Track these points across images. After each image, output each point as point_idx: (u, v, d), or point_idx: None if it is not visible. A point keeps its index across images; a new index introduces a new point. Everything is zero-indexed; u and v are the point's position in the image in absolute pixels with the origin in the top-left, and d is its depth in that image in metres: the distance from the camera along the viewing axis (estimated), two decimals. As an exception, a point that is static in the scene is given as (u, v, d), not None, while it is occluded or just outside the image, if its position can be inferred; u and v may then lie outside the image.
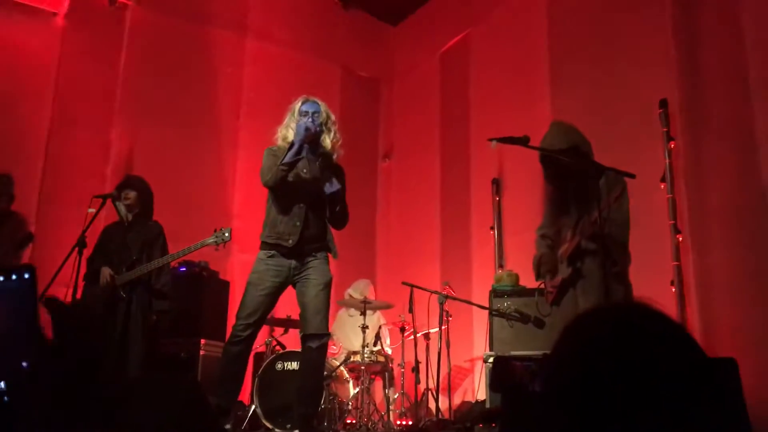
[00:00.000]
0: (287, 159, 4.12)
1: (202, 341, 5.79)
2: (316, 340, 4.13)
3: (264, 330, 6.05)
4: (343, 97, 8.87)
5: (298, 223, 4.19)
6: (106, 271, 4.87)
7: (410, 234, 8.51)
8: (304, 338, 4.18)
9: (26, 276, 1.03)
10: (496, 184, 7.28)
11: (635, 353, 0.86)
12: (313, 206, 4.24)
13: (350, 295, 6.63)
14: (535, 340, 4.85)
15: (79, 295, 4.97)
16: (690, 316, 5.01)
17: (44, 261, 5.38)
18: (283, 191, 4.21)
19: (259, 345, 6.17)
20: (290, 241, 4.17)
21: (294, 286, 4.26)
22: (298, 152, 4.15)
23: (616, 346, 0.87)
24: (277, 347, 6.00)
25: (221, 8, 7.90)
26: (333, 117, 4.41)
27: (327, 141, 4.32)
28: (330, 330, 6.68)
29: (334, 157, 4.37)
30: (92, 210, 4.79)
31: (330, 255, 4.37)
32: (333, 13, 8.85)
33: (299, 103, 4.42)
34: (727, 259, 4.89)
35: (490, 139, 3.54)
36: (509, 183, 7.17)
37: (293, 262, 4.20)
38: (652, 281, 5.04)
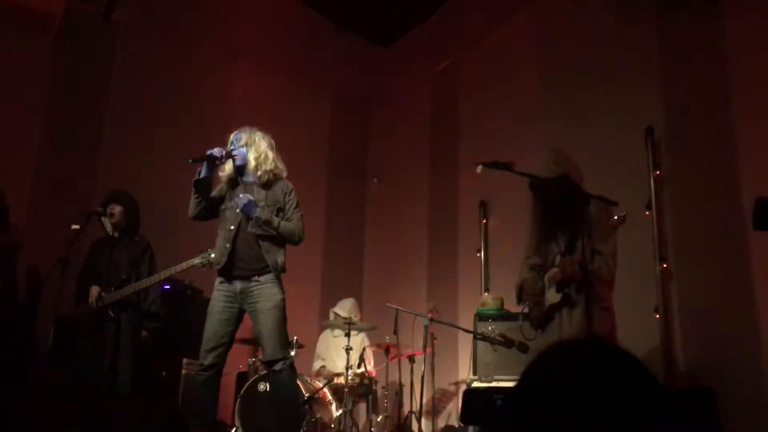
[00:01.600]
0: (194, 179, 4.36)
1: (184, 360, 5.74)
2: (279, 363, 4.22)
3: (247, 350, 6.04)
4: (334, 118, 8.93)
5: (227, 245, 4.31)
6: (94, 291, 4.85)
7: (398, 255, 8.51)
8: (267, 364, 4.29)
9: None
10: (484, 207, 7.30)
11: (592, 389, 0.87)
12: (244, 229, 4.32)
13: (336, 314, 6.61)
14: (519, 364, 4.82)
15: (65, 312, 4.96)
16: (674, 345, 5.02)
17: (31, 276, 5.35)
18: (221, 219, 4.43)
19: (242, 366, 6.14)
20: (221, 263, 4.30)
21: (247, 311, 4.32)
22: (202, 174, 4.34)
23: (572, 383, 0.88)
24: (260, 368, 5.96)
25: (213, 29, 7.93)
26: (258, 136, 4.49)
27: (250, 158, 4.43)
28: (316, 351, 6.72)
29: (261, 172, 4.41)
30: (76, 227, 4.77)
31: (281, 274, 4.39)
32: (324, 35, 8.91)
33: (231, 137, 4.57)
34: (711, 287, 4.91)
35: (477, 164, 3.56)
36: (497, 206, 7.20)
37: (238, 286, 4.28)
38: (636, 309, 5.06)
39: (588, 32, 6.39)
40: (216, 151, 4.34)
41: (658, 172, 5.39)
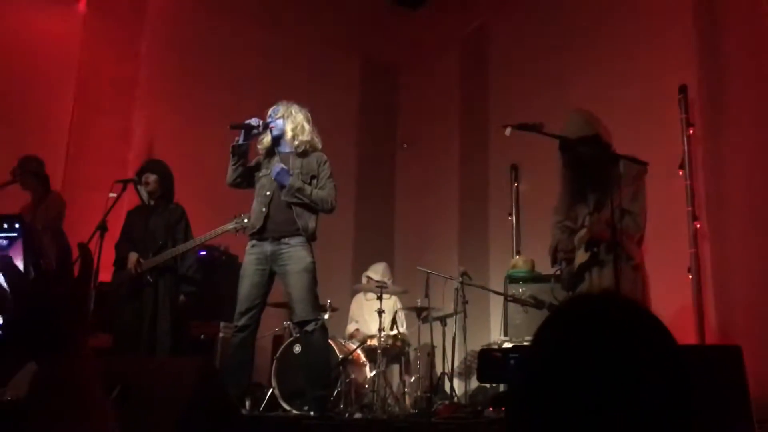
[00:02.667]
0: (232, 145, 4.53)
1: (221, 324, 5.88)
2: (311, 324, 4.33)
3: (282, 314, 6.15)
4: (363, 84, 8.91)
5: (263, 209, 4.45)
6: (132, 257, 4.98)
7: (428, 220, 8.54)
8: (298, 325, 4.45)
9: (16, 225, 1.04)
10: (515, 170, 7.27)
11: (606, 345, 0.87)
12: (278, 194, 4.45)
13: (368, 277, 6.68)
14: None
15: (104, 279, 5.11)
16: (706, 304, 5.00)
17: (70, 243, 5.48)
18: (258, 186, 4.57)
19: (277, 329, 6.26)
20: (256, 226, 4.44)
21: (277, 274, 4.44)
22: (240, 142, 4.51)
23: (586, 339, 0.88)
24: (295, 330, 6.07)
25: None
26: (297, 109, 4.60)
27: (287, 128, 4.54)
28: (350, 314, 6.82)
29: (298, 142, 4.53)
30: (113, 195, 4.89)
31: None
32: (351, 0, 8.85)
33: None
34: (745, 246, 4.86)
35: (505, 126, 3.56)
36: (527, 169, 7.17)
37: (269, 248, 4.40)
38: (668, 269, 5.04)
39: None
40: (254, 121, 4.51)
41: (691, 131, 5.31)
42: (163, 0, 7.48)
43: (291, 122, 4.54)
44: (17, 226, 1.04)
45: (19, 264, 0.97)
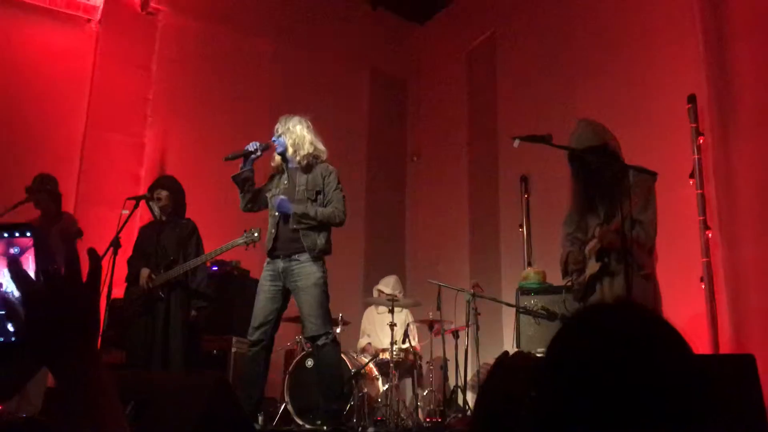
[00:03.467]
0: (232, 175, 4.63)
1: (234, 339, 5.89)
2: (321, 338, 4.36)
3: (295, 328, 6.16)
4: (372, 97, 8.96)
5: (273, 230, 4.52)
6: (144, 272, 5.01)
7: (439, 232, 8.54)
8: (309, 339, 4.50)
9: (27, 234, 1.07)
10: (525, 182, 7.27)
11: (623, 356, 0.87)
12: (285, 217, 4.50)
13: (380, 291, 6.68)
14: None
15: (116, 295, 5.14)
16: (720, 313, 4.97)
17: (81, 260, 5.52)
18: (269, 202, 4.63)
19: (290, 343, 6.27)
20: (267, 247, 4.53)
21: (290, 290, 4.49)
22: (241, 172, 4.58)
23: (602, 351, 0.88)
24: (308, 345, 6.07)
25: (249, 12, 8.02)
26: (293, 122, 4.61)
27: (288, 144, 4.56)
28: (361, 327, 6.82)
29: (299, 156, 4.54)
30: (126, 211, 4.93)
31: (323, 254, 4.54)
32: (360, 13, 8.93)
33: None
34: (758, 254, 4.84)
35: (514, 138, 3.56)
36: (537, 180, 7.17)
37: (281, 265, 4.45)
38: (681, 278, 5.02)
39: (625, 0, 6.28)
40: (251, 146, 4.57)
41: (701, 140, 5.30)
42: (174, 18, 7.57)
43: (290, 137, 4.55)
44: (29, 234, 1.06)
45: (31, 271, 0.99)
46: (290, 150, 4.55)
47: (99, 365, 0.93)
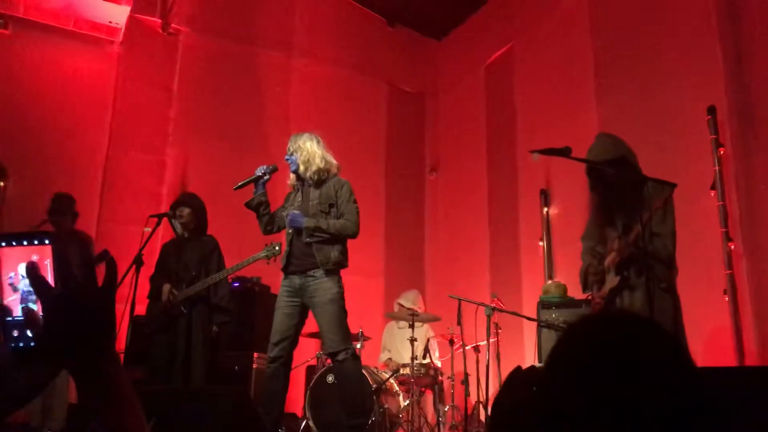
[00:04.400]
0: (245, 202, 4.73)
1: (255, 355, 5.92)
2: (341, 354, 4.36)
3: (315, 344, 6.17)
4: (390, 112, 9.00)
5: (287, 248, 4.57)
6: (166, 288, 5.07)
7: (459, 246, 8.53)
8: (330, 355, 4.50)
9: (46, 240, 1.12)
10: (545, 195, 7.25)
11: (618, 363, 0.88)
12: (298, 231, 4.53)
13: (400, 305, 6.68)
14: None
15: (138, 312, 5.19)
16: (745, 325, 4.90)
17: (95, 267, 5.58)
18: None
19: (310, 359, 6.28)
20: (283, 263, 4.57)
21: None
22: (255, 196, 4.69)
23: (595, 362, 0.90)
24: (328, 360, 6.08)
25: (269, 30, 8.14)
26: (302, 139, 4.66)
27: (299, 163, 4.61)
28: (382, 342, 6.82)
29: (311, 172, 4.58)
30: (148, 229, 4.99)
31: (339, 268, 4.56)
32: (378, 30, 9.00)
33: None
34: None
35: (532, 151, 3.57)
36: (557, 193, 7.15)
37: (297, 281, 4.48)
38: (704, 291, 4.97)
39: (643, 11, 6.27)
40: (259, 170, 4.67)
41: (722, 151, 5.26)
42: (194, 38, 7.69)
43: (301, 154, 4.60)
44: (47, 242, 1.10)
45: (50, 278, 1.03)
46: (301, 167, 4.60)
47: (118, 367, 0.96)
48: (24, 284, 1.06)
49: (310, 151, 4.60)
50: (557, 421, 0.89)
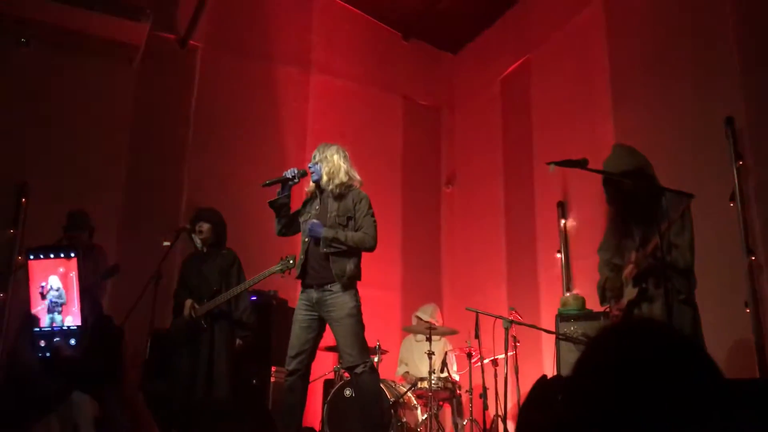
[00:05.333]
0: (269, 201, 4.70)
1: (273, 369, 5.93)
2: (359, 367, 4.36)
3: (333, 358, 6.18)
4: (406, 125, 9.03)
5: (302, 257, 4.58)
6: (188, 303, 5.11)
7: (475, 259, 8.51)
8: (348, 369, 4.49)
9: (72, 254, 1.18)
10: (562, 207, 7.23)
11: (642, 375, 0.89)
12: (316, 241, 4.53)
13: (418, 318, 6.67)
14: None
15: (159, 325, 5.24)
16: (767, 338, 4.85)
17: (124, 292, 5.66)
18: (301, 228, 4.69)
19: (328, 372, 6.28)
20: (297, 274, 4.58)
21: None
22: (278, 197, 4.67)
23: (622, 369, 0.90)
24: (346, 374, 6.08)
25: (285, 46, 8.21)
26: (330, 151, 4.68)
27: (323, 172, 4.64)
28: (400, 356, 6.81)
29: (333, 185, 4.60)
30: (167, 243, 5.04)
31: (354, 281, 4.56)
32: (393, 44, 9.05)
33: None
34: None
35: (549, 163, 3.57)
36: (575, 206, 7.12)
37: (314, 295, 4.48)
38: (724, 303, 4.92)
39: (660, 22, 6.26)
40: (288, 173, 4.68)
41: (741, 162, 5.22)
42: (212, 54, 7.77)
43: (326, 165, 4.62)
44: (73, 255, 1.15)
45: (75, 289, 1.08)
46: (325, 178, 4.61)
47: (131, 391, 1.01)
48: (52, 294, 1.10)
49: (336, 164, 4.63)
50: (585, 428, 0.90)
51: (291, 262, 4.69)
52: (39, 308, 1.15)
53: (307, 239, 4.56)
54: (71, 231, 5.67)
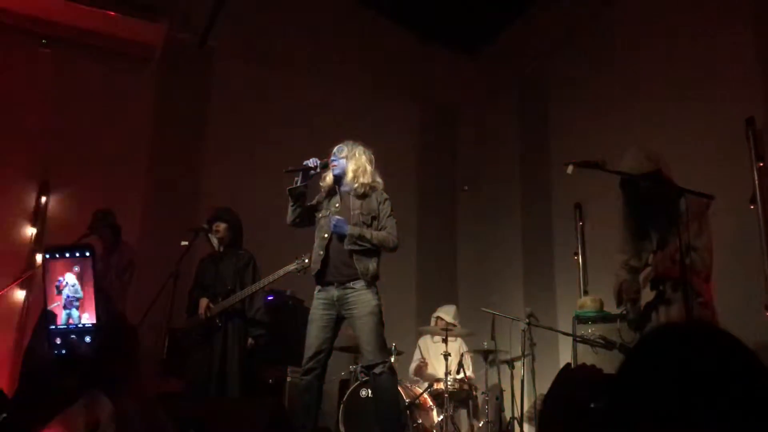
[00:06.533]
0: (288, 188, 4.58)
1: (288, 368, 5.95)
2: (378, 367, 4.32)
3: (348, 358, 6.19)
4: (422, 128, 9.04)
5: (321, 252, 4.49)
6: (203, 302, 5.14)
7: (492, 260, 8.49)
8: (365, 369, 4.45)
9: (87, 253, 1.21)
10: (579, 209, 7.19)
11: (701, 373, 0.88)
12: (336, 237, 4.47)
13: (438, 318, 6.63)
14: (622, 366, 4.72)
15: (176, 325, 5.28)
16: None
17: (143, 290, 5.71)
18: (317, 226, 4.60)
19: (343, 373, 6.29)
20: (314, 270, 4.48)
21: (345, 319, 4.46)
22: (298, 184, 4.58)
23: (681, 367, 0.90)
24: (362, 374, 6.08)
25: (300, 49, 8.23)
26: (361, 151, 4.64)
27: (348, 170, 4.58)
28: (416, 353, 6.79)
29: (359, 184, 4.55)
30: (185, 243, 5.07)
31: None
32: (410, 47, 9.04)
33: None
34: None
35: (566, 163, 3.55)
36: (592, 207, 7.08)
37: (335, 293, 4.42)
38: (744, 306, 4.86)
39: (680, 23, 6.21)
40: (311, 162, 4.58)
41: (761, 164, 5.17)
42: (229, 60, 7.83)
43: (354, 163, 4.58)
44: (88, 254, 1.17)
45: (90, 286, 1.11)
46: (350, 175, 4.56)
47: (146, 389, 1.04)
48: (68, 290, 1.13)
49: (363, 164, 4.60)
50: (635, 420, 0.90)
51: (306, 261, 4.67)
52: (55, 305, 1.17)
53: (326, 235, 4.49)
54: (92, 230, 5.74)
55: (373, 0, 8.66)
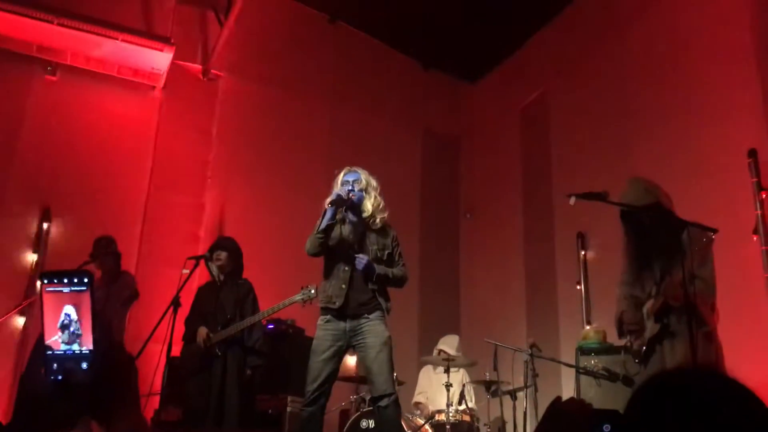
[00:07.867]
0: (321, 226, 4.36)
1: (289, 398, 5.88)
2: (385, 399, 4.24)
3: (349, 388, 6.12)
4: (425, 155, 9.05)
5: (343, 286, 4.35)
6: (202, 331, 5.10)
7: (494, 290, 8.44)
8: (373, 400, 4.35)
9: (85, 280, 1.21)
10: (581, 238, 7.17)
11: (703, 420, 0.87)
12: (357, 271, 4.37)
13: (441, 350, 6.57)
14: (625, 399, 4.65)
15: (174, 353, 5.22)
16: (792, 375, 4.74)
17: (142, 319, 5.67)
18: (330, 255, 4.45)
19: (344, 403, 6.22)
20: (336, 304, 4.33)
21: (354, 348, 4.40)
22: (332, 218, 4.37)
23: (683, 414, 0.88)
24: (362, 405, 6.02)
25: (305, 76, 8.29)
26: (375, 183, 4.58)
27: (368, 205, 4.50)
28: (418, 385, 6.73)
29: (377, 219, 4.50)
30: (186, 271, 5.04)
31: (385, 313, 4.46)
32: (412, 75, 9.10)
33: (342, 174, 4.62)
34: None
35: (569, 195, 3.54)
36: (595, 237, 7.06)
37: (347, 325, 4.33)
38: (748, 338, 4.82)
39: (683, 54, 6.25)
40: (343, 192, 4.43)
41: (764, 195, 5.16)
42: (233, 84, 7.88)
43: (373, 201, 4.50)
44: (86, 280, 1.17)
45: (88, 313, 1.10)
46: (369, 210, 4.48)
47: (141, 418, 1.03)
48: (73, 327, 1.12)
49: (378, 199, 4.54)
50: None
51: (312, 292, 4.62)
52: (54, 338, 1.17)
53: (347, 268, 4.37)
54: (93, 258, 5.73)
55: (377, 29, 8.74)
